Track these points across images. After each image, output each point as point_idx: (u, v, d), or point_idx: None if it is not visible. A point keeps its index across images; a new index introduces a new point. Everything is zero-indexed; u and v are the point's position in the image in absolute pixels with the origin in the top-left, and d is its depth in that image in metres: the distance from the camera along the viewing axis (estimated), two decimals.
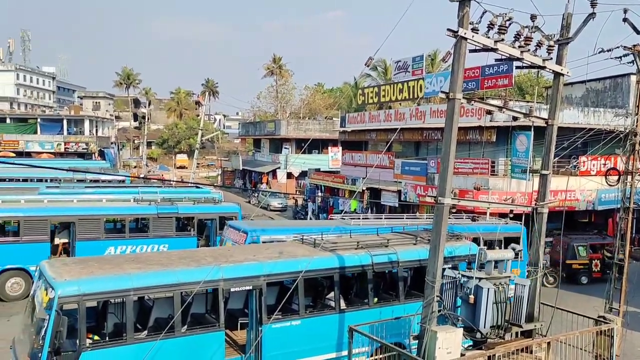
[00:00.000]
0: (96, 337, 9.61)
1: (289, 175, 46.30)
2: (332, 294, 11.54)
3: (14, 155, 52.86)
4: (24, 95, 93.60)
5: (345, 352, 10.41)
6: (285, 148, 50.11)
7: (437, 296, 8.59)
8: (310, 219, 33.19)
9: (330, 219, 33.52)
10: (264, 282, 10.29)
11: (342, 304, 11.44)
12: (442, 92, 8.69)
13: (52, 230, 17.58)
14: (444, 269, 9.01)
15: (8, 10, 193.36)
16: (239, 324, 11.43)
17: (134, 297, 9.42)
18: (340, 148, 38.28)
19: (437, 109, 26.47)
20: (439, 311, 8.80)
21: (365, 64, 9.35)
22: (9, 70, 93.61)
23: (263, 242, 14.05)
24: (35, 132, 59.79)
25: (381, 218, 17.75)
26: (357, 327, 9.52)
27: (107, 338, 9.70)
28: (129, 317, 9.16)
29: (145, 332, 9.81)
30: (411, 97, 29.05)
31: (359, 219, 17.10)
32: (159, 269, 9.83)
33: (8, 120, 62.07)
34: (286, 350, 10.44)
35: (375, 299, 11.81)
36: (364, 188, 27.77)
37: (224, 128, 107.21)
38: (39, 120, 62.32)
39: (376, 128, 31.52)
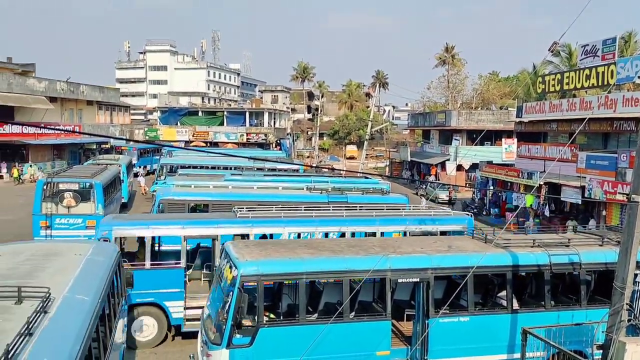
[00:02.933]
0: (272, 315, 10.29)
1: (459, 168, 44.98)
2: (503, 293, 10.99)
3: (204, 144, 58.73)
4: (213, 91, 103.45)
5: (516, 355, 9.87)
6: (455, 139, 48.77)
7: (626, 304, 7.73)
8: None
9: (502, 215, 32.01)
10: (431, 275, 10.15)
11: (515, 304, 10.85)
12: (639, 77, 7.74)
13: None
14: (636, 275, 8.07)
15: (202, 13, 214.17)
16: (405, 315, 11.43)
17: (306, 281, 9.89)
18: (516, 140, 36.17)
19: (632, 97, 23.69)
20: (629, 321, 7.91)
21: (549, 50, 8.68)
22: (202, 68, 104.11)
23: (116, 238, 12.31)
24: (222, 124, 65.74)
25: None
26: (531, 329, 8.96)
27: (281, 317, 10.36)
28: (301, 299, 9.64)
29: (316, 314, 10.25)
30: (600, 84, 26.35)
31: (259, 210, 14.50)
32: (330, 255, 10.18)
33: (200, 114, 69.09)
34: (453, 347, 10.19)
35: (552, 302, 10.98)
36: (542, 183, 25.92)
37: (393, 119, 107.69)
38: (225, 113, 68.45)
39: (557, 118, 29.18)
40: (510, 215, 27.60)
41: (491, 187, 34.75)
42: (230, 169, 29.17)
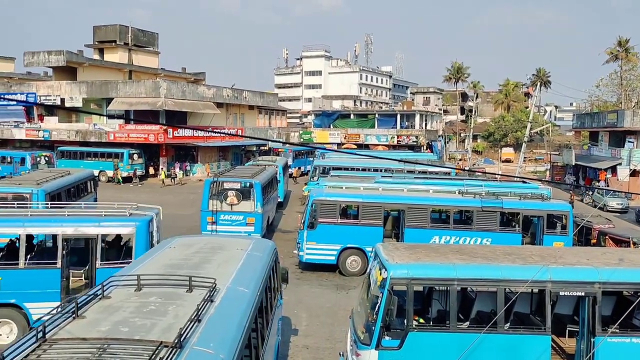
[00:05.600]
0: (421, 320, 10.14)
1: (633, 173, 40.61)
2: None
3: (355, 147, 59.73)
4: (365, 93, 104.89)
5: None
6: (629, 142, 44.14)
7: None
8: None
9: None
10: (599, 290, 9.27)
11: None
12: None
13: (384, 216, 19.20)
14: None
15: (356, 17, 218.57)
16: (566, 331, 10.59)
17: (457, 287, 9.60)
18: None
19: None
20: None
21: None
22: (354, 72, 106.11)
23: None
24: (373, 127, 66.39)
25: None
26: None
27: (431, 323, 10.16)
28: (453, 306, 9.37)
29: (467, 323, 9.91)
30: None
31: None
32: (483, 262, 9.78)
33: (352, 116, 70.51)
34: None
35: None
36: None
37: (555, 120, 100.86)
38: (376, 115, 69.08)
39: None
40: None
41: None
42: (381, 171, 29.33)
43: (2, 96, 46.97)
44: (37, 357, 4.80)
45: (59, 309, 5.77)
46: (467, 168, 52.81)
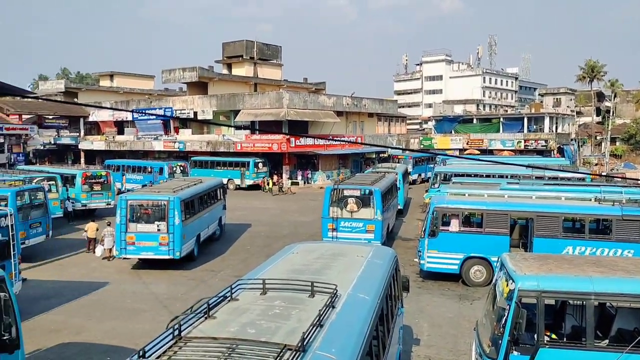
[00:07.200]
0: (553, 336, 9.51)
1: None
2: None
3: (478, 152, 57.75)
4: (488, 97, 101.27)
5: None
6: None
7: None
8: None
9: None
10: None
11: None
12: None
13: (511, 224, 18.29)
14: None
15: (479, 19, 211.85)
16: None
17: (594, 302, 8.88)
18: None
19: None
20: None
21: None
22: (477, 75, 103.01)
23: None
24: (498, 131, 63.73)
25: None
26: None
27: (564, 339, 9.50)
28: (589, 322, 8.69)
29: (606, 341, 9.14)
30: None
31: None
32: (625, 275, 8.97)
33: (474, 121, 68.26)
34: None
35: None
36: None
37: None
38: (501, 119, 66.26)
39: None
40: None
41: None
42: (506, 177, 28.05)
43: (144, 111, 51.48)
44: (174, 354, 5.14)
45: (193, 309, 6.16)
46: (604, 173, 48.84)
